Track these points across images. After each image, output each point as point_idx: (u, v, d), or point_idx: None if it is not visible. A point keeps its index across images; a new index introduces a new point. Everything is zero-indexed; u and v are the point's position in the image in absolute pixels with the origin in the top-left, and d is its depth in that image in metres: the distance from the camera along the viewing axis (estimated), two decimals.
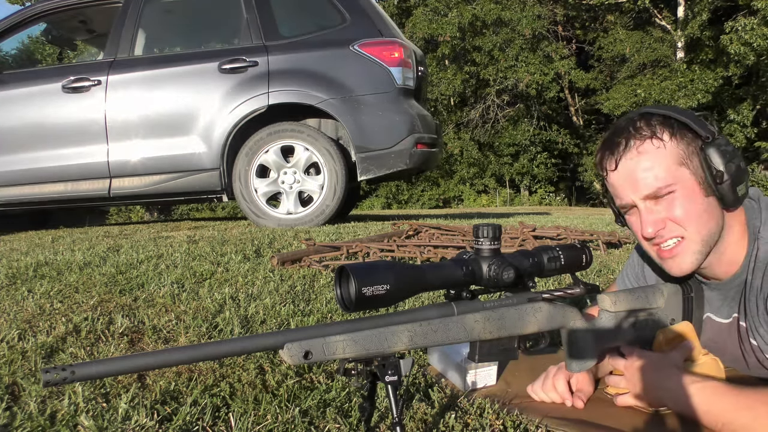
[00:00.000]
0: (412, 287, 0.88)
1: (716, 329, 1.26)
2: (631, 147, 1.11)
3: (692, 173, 1.09)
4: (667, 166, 1.08)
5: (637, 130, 1.10)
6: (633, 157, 1.11)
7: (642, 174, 1.10)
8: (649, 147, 1.09)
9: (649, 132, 1.09)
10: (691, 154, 1.09)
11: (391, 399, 0.85)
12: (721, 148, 1.07)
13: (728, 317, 1.23)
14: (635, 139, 1.10)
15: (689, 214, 1.09)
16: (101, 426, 1.08)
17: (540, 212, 8.39)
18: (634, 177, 1.11)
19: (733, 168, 1.07)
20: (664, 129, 1.09)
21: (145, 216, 17.46)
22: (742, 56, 14.93)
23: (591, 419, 1.15)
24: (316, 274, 2.37)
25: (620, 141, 1.12)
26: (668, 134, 1.09)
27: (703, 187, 1.09)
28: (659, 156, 1.09)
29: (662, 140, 1.09)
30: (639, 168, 1.10)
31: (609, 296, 1.17)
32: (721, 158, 1.07)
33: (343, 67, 3.91)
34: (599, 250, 3.15)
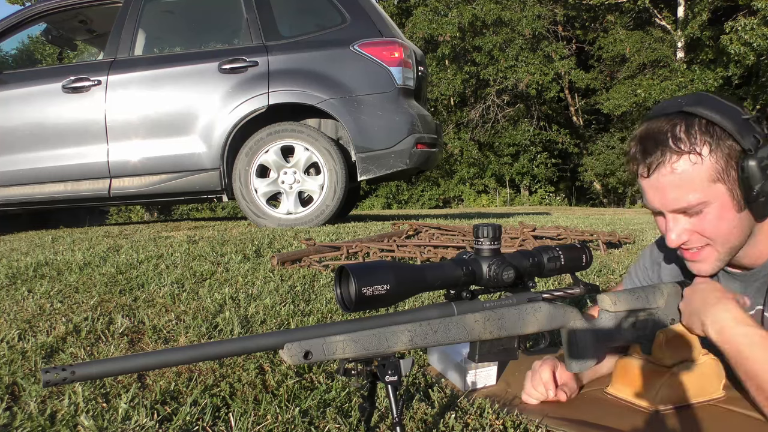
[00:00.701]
0: (412, 287, 0.88)
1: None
2: (666, 162, 1.04)
3: (727, 189, 1.03)
4: (701, 184, 1.03)
5: (676, 142, 1.03)
6: (667, 174, 1.05)
7: (673, 191, 1.05)
8: (686, 164, 1.03)
9: (688, 146, 1.02)
10: (729, 168, 1.02)
11: (391, 399, 0.85)
12: (763, 162, 1.00)
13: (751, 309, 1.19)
14: (672, 153, 1.03)
15: (718, 231, 1.06)
16: (101, 426, 1.08)
17: (540, 212, 8.39)
18: (665, 191, 1.06)
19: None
20: (704, 141, 1.02)
21: (145, 216, 17.47)
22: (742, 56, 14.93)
23: (591, 419, 1.15)
24: (316, 274, 2.37)
25: (656, 150, 1.05)
26: (708, 148, 1.02)
27: (737, 203, 1.04)
28: (694, 173, 1.03)
29: (700, 155, 1.02)
30: (671, 184, 1.05)
31: (609, 296, 1.17)
32: (760, 174, 1.00)
33: (343, 67, 3.91)
34: (599, 250, 3.15)
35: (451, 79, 19.86)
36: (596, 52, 20.58)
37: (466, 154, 21.32)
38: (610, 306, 1.16)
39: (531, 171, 21.83)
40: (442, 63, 20.34)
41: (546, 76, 19.26)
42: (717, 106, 1.03)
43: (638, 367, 1.21)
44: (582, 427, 1.11)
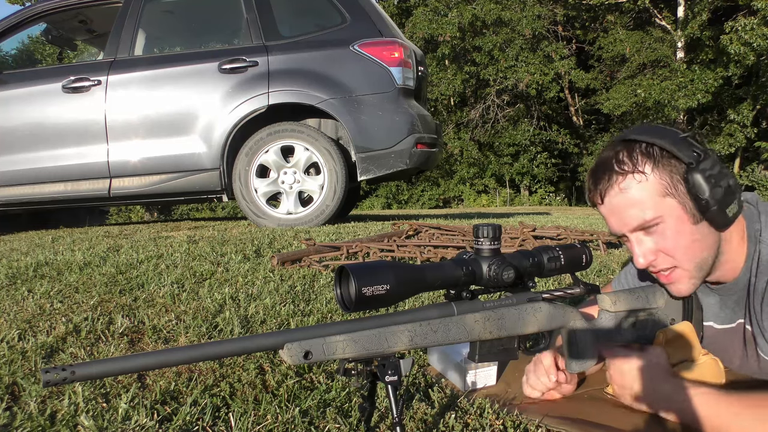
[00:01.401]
0: (412, 287, 0.88)
1: (717, 335, 1.26)
2: (614, 183, 1.10)
3: (679, 202, 1.08)
4: (652, 200, 1.08)
5: (620, 164, 1.09)
6: (616, 194, 1.10)
7: (627, 210, 1.10)
8: (632, 183, 1.08)
9: (631, 166, 1.08)
10: (676, 182, 1.07)
11: (391, 399, 0.85)
12: (706, 173, 1.05)
13: (731, 322, 1.23)
14: (617, 174, 1.09)
15: (678, 246, 1.10)
16: (101, 426, 1.08)
17: (540, 212, 8.39)
18: (620, 212, 1.11)
19: (720, 192, 1.05)
20: (645, 160, 1.08)
21: (145, 216, 17.46)
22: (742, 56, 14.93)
23: (591, 419, 1.15)
24: (316, 274, 2.37)
25: (603, 176, 1.11)
26: (650, 165, 1.08)
27: (691, 215, 1.08)
28: (642, 190, 1.08)
29: (644, 173, 1.08)
30: (624, 204, 1.10)
31: (609, 296, 1.17)
32: (706, 184, 1.05)
33: (343, 67, 3.91)
34: (599, 250, 3.15)
35: (451, 79, 19.86)
36: (596, 52, 20.58)
37: (466, 154, 21.32)
38: (610, 306, 1.16)
39: (531, 171, 21.82)
40: (442, 63, 20.34)
41: (546, 76, 19.25)
42: (655, 131, 1.10)
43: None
44: (582, 427, 1.11)
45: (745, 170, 18.29)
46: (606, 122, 21.59)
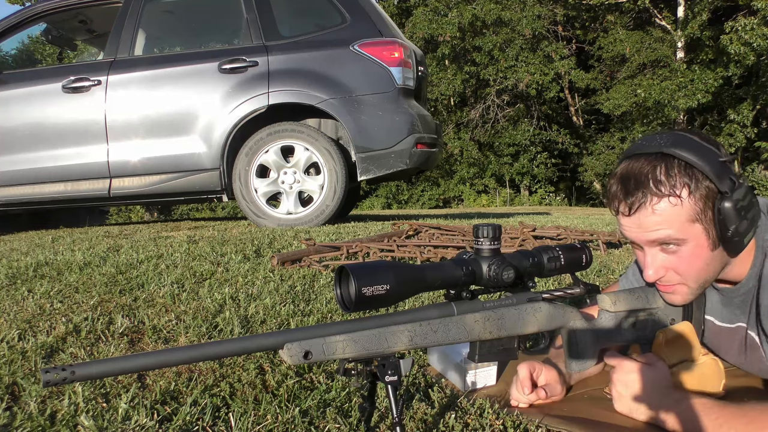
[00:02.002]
0: (412, 287, 0.88)
1: (716, 332, 1.27)
2: (648, 204, 1.06)
3: (704, 229, 1.07)
4: (680, 224, 1.06)
5: (657, 184, 1.05)
6: (648, 215, 1.07)
7: (653, 227, 1.07)
8: (665, 205, 1.05)
9: (668, 188, 1.05)
10: (706, 209, 1.05)
11: (391, 399, 0.85)
12: (738, 204, 1.03)
13: (731, 323, 1.23)
14: (653, 195, 1.06)
15: (692, 269, 1.10)
16: (101, 426, 1.08)
17: (540, 212, 8.39)
18: (645, 228, 1.09)
19: (745, 225, 1.05)
20: (684, 183, 1.04)
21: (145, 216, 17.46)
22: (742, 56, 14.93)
23: (592, 417, 1.15)
24: (316, 274, 2.37)
25: (637, 191, 1.07)
26: (687, 190, 1.04)
27: (711, 242, 1.07)
28: (674, 214, 1.06)
29: (680, 198, 1.05)
30: (651, 222, 1.07)
31: (609, 296, 1.17)
32: (735, 216, 1.03)
33: (343, 67, 3.91)
34: (599, 250, 3.15)
35: (451, 79, 19.85)
36: (596, 52, 20.57)
37: (466, 154, 21.32)
38: (610, 306, 1.16)
39: (531, 171, 21.82)
40: (442, 63, 20.34)
41: (546, 76, 19.25)
42: (695, 148, 1.06)
43: None
44: (582, 426, 1.11)
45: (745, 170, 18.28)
46: (606, 122, 21.58)
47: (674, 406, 1.09)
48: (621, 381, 1.16)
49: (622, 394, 1.16)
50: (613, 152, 19.68)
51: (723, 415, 1.02)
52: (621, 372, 1.16)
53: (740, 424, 0.99)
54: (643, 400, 1.12)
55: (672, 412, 1.08)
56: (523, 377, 1.21)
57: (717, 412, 1.03)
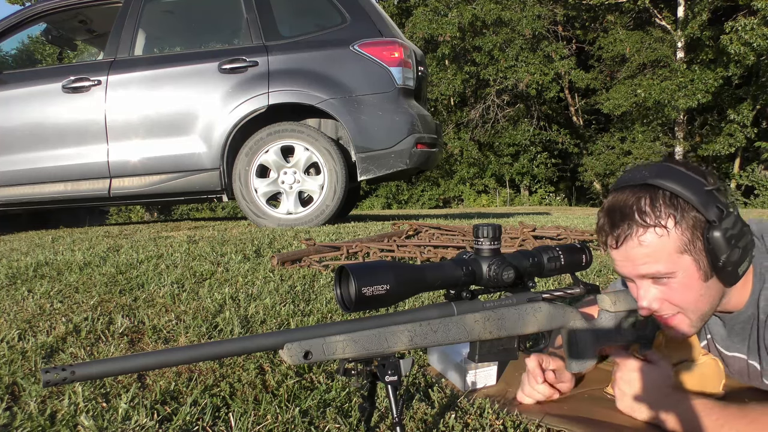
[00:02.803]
0: (412, 287, 0.88)
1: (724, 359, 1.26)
2: (633, 235, 1.06)
3: (693, 260, 1.06)
4: (668, 255, 1.05)
5: (642, 215, 1.05)
6: (634, 247, 1.07)
7: (642, 260, 1.07)
8: (651, 236, 1.05)
9: (653, 219, 1.05)
10: (695, 239, 1.05)
11: (391, 399, 0.85)
12: (728, 232, 1.02)
13: (729, 351, 1.23)
14: (638, 226, 1.06)
15: (686, 300, 1.09)
16: (101, 426, 1.08)
17: (540, 212, 8.39)
18: (634, 261, 1.08)
19: (737, 253, 1.03)
20: (669, 214, 1.04)
21: (145, 216, 17.46)
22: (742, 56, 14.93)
23: (592, 417, 1.15)
24: (316, 274, 2.37)
25: (623, 223, 1.07)
26: (673, 221, 1.04)
27: (703, 273, 1.06)
28: (661, 245, 1.05)
29: (666, 228, 1.04)
30: (639, 254, 1.07)
31: (609, 296, 1.17)
32: (725, 245, 1.02)
33: (343, 67, 3.91)
34: (599, 250, 3.15)
35: (451, 79, 19.85)
36: (596, 52, 20.57)
37: (466, 154, 21.31)
38: (610, 306, 1.16)
39: (531, 171, 21.82)
40: (442, 63, 20.33)
41: (546, 76, 19.25)
42: (680, 178, 1.05)
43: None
44: (582, 426, 1.11)
45: (745, 170, 18.30)
46: (606, 122, 21.58)
47: (675, 406, 1.09)
48: (624, 379, 1.16)
49: (624, 393, 1.15)
50: (613, 152, 19.68)
51: (724, 416, 1.02)
52: (624, 370, 1.16)
53: (741, 424, 0.99)
54: (644, 399, 1.12)
55: (673, 412, 1.08)
56: (533, 367, 1.21)
57: (718, 412, 1.03)
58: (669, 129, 19.23)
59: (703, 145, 18.01)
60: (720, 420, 1.01)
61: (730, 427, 0.99)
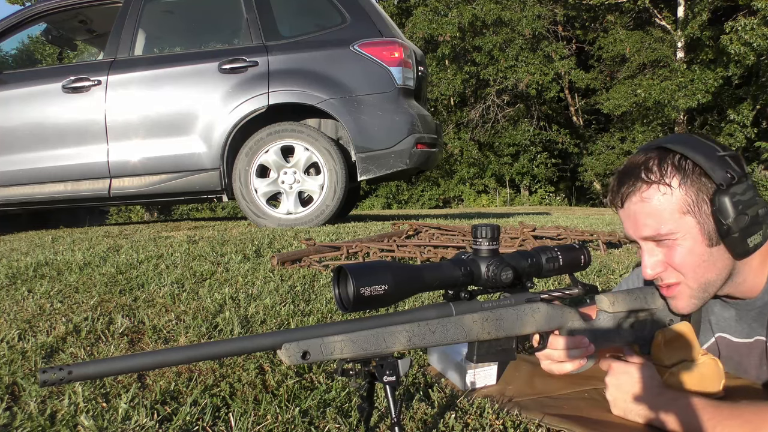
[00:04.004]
0: (411, 287, 0.88)
1: (733, 348, 1.25)
2: (637, 191, 1.08)
3: (697, 222, 1.05)
4: (670, 214, 1.05)
5: (647, 172, 1.06)
6: (637, 202, 1.08)
7: (644, 219, 1.08)
8: (654, 193, 1.06)
9: (658, 176, 1.05)
10: (700, 201, 1.04)
11: (390, 399, 0.85)
12: (736, 197, 1.01)
13: (749, 337, 1.21)
14: (643, 182, 1.07)
15: (686, 263, 1.08)
16: (101, 426, 1.08)
17: (540, 212, 8.39)
18: (636, 219, 1.09)
19: (744, 220, 1.02)
20: (675, 173, 1.05)
21: (145, 216, 17.47)
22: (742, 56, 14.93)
23: (592, 417, 1.15)
24: (316, 274, 2.37)
25: (628, 180, 1.09)
26: (678, 180, 1.04)
27: (707, 237, 1.05)
28: (663, 203, 1.05)
29: (670, 186, 1.05)
30: (642, 212, 1.08)
31: (607, 297, 1.17)
32: (732, 209, 1.01)
33: (343, 67, 3.92)
34: (599, 250, 3.15)
35: (451, 79, 19.86)
36: (596, 52, 20.58)
37: (466, 154, 21.32)
38: (608, 307, 1.16)
39: (531, 171, 21.83)
40: (442, 63, 20.34)
41: (546, 76, 19.25)
42: (693, 143, 1.06)
43: None
44: (582, 425, 1.11)
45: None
46: (606, 122, 21.58)
47: (668, 405, 1.09)
48: (612, 384, 1.15)
49: (616, 397, 1.15)
50: (613, 152, 19.68)
51: (717, 415, 1.01)
52: (612, 375, 1.15)
53: (735, 424, 0.99)
54: (635, 401, 1.12)
55: (666, 412, 1.08)
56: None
57: (711, 411, 1.03)
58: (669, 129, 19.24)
59: None
60: (713, 420, 1.01)
61: (724, 426, 0.99)
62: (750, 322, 1.19)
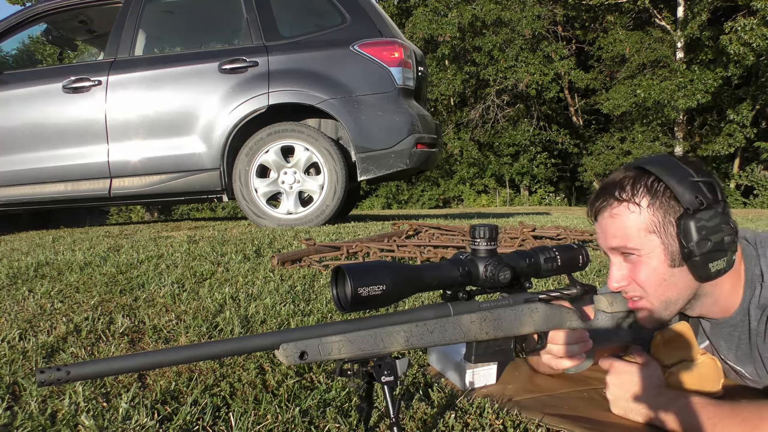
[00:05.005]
0: (409, 288, 0.89)
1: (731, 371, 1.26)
2: (608, 207, 1.14)
3: (662, 242, 1.09)
4: (637, 232, 1.10)
5: (621, 191, 1.12)
6: (607, 218, 1.14)
7: (612, 233, 1.13)
8: (624, 211, 1.11)
9: (629, 195, 1.11)
10: (666, 223, 1.09)
11: (388, 399, 0.85)
12: (701, 222, 1.05)
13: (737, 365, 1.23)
14: (614, 199, 1.12)
15: (649, 281, 1.12)
16: (101, 426, 1.08)
17: (540, 212, 8.39)
18: (606, 232, 1.15)
19: (706, 246, 1.06)
20: (645, 194, 1.10)
21: (145, 216, 17.46)
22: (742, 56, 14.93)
23: (592, 417, 1.16)
24: (316, 274, 2.37)
25: (603, 196, 1.15)
26: (647, 200, 1.09)
27: (670, 258, 1.09)
28: (630, 221, 1.10)
29: (639, 206, 1.10)
30: (611, 227, 1.13)
31: (606, 297, 1.17)
32: (695, 233, 1.05)
33: (343, 67, 3.92)
34: (598, 251, 3.16)
35: (451, 79, 19.85)
36: (596, 52, 20.57)
37: (466, 154, 21.31)
38: (606, 307, 1.17)
39: (531, 171, 21.82)
40: (442, 63, 20.33)
41: (546, 77, 19.25)
42: (670, 167, 1.10)
43: None
44: (582, 425, 1.12)
45: (744, 170, 18.30)
46: (606, 122, 21.58)
47: (668, 405, 1.10)
48: (614, 383, 1.16)
49: (616, 397, 1.16)
50: (612, 152, 19.68)
51: (716, 414, 1.02)
52: (613, 374, 1.17)
53: (734, 423, 0.99)
54: (636, 400, 1.13)
55: (666, 412, 1.09)
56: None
57: (711, 410, 1.03)
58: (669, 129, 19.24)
59: (702, 146, 18.01)
60: (713, 419, 1.02)
61: (723, 425, 1.00)
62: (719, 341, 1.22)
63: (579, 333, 1.17)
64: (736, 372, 1.23)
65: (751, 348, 1.15)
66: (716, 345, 1.25)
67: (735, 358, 1.21)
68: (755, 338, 1.13)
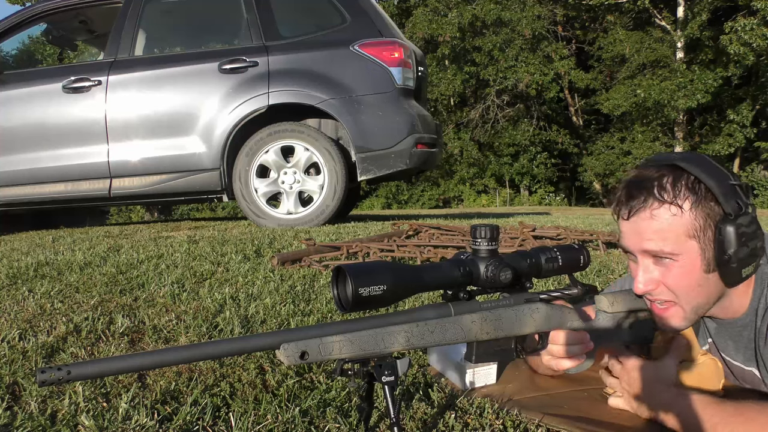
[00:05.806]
0: (409, 288, 0.88)
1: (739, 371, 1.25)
2: (647, 207, 1.06)
3: (700, 247, 1.05)
4: (676, 236, 1.05)
5: (660, 190, 1.05)
6: (646, 219, 1.07)
7: (649, 235, 1.07)
8: (665, 213, 1.05)
9: (671, 196, 1.04)
10: (706, 227, 1.04)
11: (388, 399, 0.85)
12: (741, 228, 1.01)
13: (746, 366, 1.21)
14: (655, 199, 1.05)
15: (681, 286, 1.08)
16: (101, 426, 1.08)
17: (540, 212, 8.39)
18: (641, 234, 1.08)
19: (745, 252, 1.02)
20: (688, 195, 1.04)
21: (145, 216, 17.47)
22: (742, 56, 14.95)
23: (592, 417, 1.16)
24: (316, 274, 2.37)
25: (640, 195, 1.07)
26: (689, 203, 1.04)
27: (705, 263, 1.05)
28: (672, 224, 1.04)
29: (681, 208, 1.04)
30: (648, 229, 1.06)
31: (606, 297, 1.17)
32: (735, 240, 1.01)
33: (343, 67, 3.92)
34: (599, 250, 3.16)
35: (451, 79, 19.86)
36: (596, 52, 20.59)
37: (466, 154, 21.33)
38: (607, 307, 1.16)
39: (531, 171, 21.84)
40: (442, 63, 20.35)
41: (546, 77, 19.28)
42: (707, 167, 1.06)
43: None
44: (582, 426, 1.12)
45: (744, 170, 18.30)
46: (606, 122, 21.59)
47: (673, 402, 1.09)
48: (625, 379, 1.16)
49: (626, 391, 1.16)
50: (612, 152, 19.70)
51: (720, 413, 1.02)
52: (626, 369, 1.16)
53: (737, 422, 0.99)
54: (645, 396, 1.13)
55: (671, 409, 1.09)
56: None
57: (714, 409, 1.03)
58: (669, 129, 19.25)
59: (702, 146, 18.02)
60: (716, 417, 1.02)
61: (726, 424, 1.00)
62: (728, 341, 1.21)
63: (580, 334, 1.14)
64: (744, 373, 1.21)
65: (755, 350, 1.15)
66: (723, 345, 1.23)
67: (744, 359, 1.19)
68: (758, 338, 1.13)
